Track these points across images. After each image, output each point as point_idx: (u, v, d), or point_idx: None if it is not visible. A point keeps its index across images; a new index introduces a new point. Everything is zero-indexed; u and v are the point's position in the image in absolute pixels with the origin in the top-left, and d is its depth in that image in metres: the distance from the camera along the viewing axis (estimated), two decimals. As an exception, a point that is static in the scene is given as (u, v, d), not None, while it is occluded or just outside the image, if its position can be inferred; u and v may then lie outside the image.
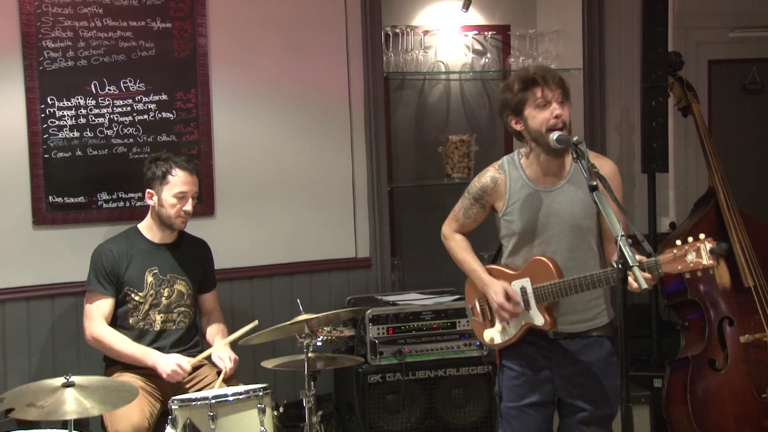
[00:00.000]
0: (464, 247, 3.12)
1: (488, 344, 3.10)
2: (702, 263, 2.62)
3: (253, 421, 3.11)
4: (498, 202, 3.01)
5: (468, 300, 3.16)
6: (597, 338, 2.98)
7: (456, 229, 3.14)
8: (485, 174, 3.04)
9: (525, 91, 2.88)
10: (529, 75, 2.90)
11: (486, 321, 3.08)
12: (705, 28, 4.90)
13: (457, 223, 3.13)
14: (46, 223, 3.85)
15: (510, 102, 2.92)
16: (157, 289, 3.59)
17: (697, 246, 2.63)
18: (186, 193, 3.59)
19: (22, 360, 3.83)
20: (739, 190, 4.24)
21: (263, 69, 4.21)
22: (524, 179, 2.97)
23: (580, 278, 2.83)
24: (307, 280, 4.33)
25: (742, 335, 3.92)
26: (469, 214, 3.08)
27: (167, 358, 3.48)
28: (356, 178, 4.40)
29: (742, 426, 3.89)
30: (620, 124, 4.83)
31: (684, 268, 2.65)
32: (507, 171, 3.00)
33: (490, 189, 3.01)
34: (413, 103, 4.77)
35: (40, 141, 3.82)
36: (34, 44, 3.78)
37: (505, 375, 3.04)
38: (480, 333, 3.11)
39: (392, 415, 3.90)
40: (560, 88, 2.89)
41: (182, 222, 3.62)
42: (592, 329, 2.97)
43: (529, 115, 2.89)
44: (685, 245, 2.65)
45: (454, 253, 3.14)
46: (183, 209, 3.58)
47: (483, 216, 3.08)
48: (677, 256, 2.65)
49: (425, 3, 4.71)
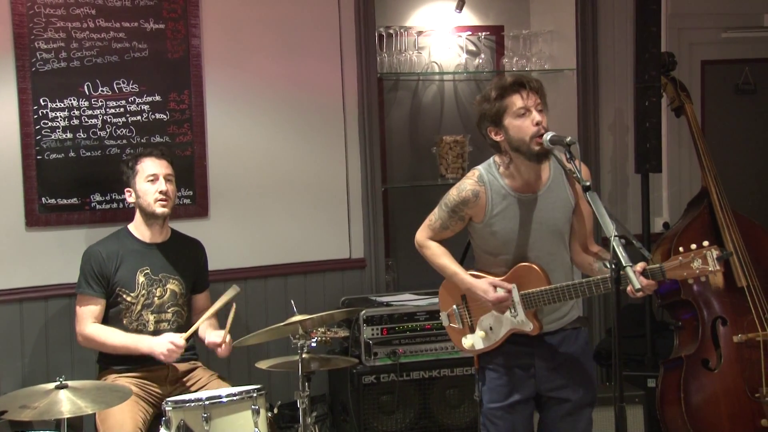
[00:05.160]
0: (441, 252, 3.08)
1: (467, 350, 3.07)
2: (708, 269, 2.66)
3: (247, 422, 3.10)
4: (478, 214, 2.97)
5: (443, 306, 3.13)
6: (573, 330, 3.02)
7: (431, 237, 3.10)
8: (464, 187, 2.97)
9: (503, 100, 2.85)
10: (506, 83, 2.86)
11: (465, 327, 3.06)
12: (698, 29, 4.92)
13: (433, 232, 3.09)
14: (39, 225, 3.84)
15: (488, 113, 2.88)
16: (149, 289, 3.58)
17: (703, 253, 2.67)
18: (156, 174, 3.56)
19: (15, 362, 3.81)
20: (732, 190, 4.25)
21: (257, 70, 4.20)
22: (506, 189, 2.94)
23: (575, 285, 2.83)
24: (301, 281, 4.33)
25: (735, 335, 3.93)
26: (446, 225, 3.04)
27: (160, 339, 3.47)
28: (350, 179, 4.40)
29: (735, 425, 3.90)
30: (614, 125, 4.84)
31: (690, 274, 2.69)
32: (487, 182, 2.95)
33: (471, 202, 2.96)
34: (407, 104, 4.78)
35: (33, 142, 3.80)
36: (27, 45, 3.77)
37: (487, 377, 3.03)
38: (457, 339, 3.08)
39: (387, 415, 3.90)
40: (538, 95, 2.85)
41: (162, 205, 3.56)
42: (566, 324, 3.01)
43: (510, 125, 2.85)
44: (690, 252, 2.68)
45: (431, 260, 3.10)
46: (158, 191, 3.55)
47: (461, 227, 3.04)
48: (683, 262, 2.69)
49: (419, 4, 4.71)
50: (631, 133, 4.61)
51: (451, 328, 3.11)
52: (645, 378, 4.13)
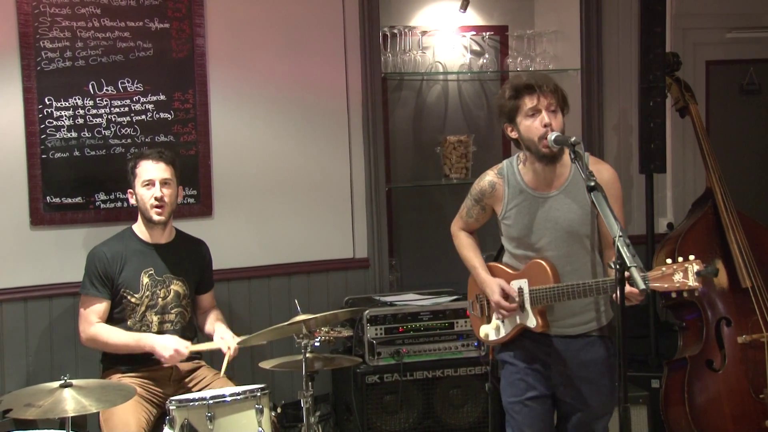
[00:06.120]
0: (467, 244, 3.19)
1: (483, 339, 3.18)
2: (688, 284, 2.65)
3: (250, 422, 3.11)
4: (497, 206, 3.05)
5: (469, 294, 3.23)
6: (595, 338, 2.99)
7: (462, 227, 3.22)
8: (485, 178, 3.08)
9: (516, 99, 2.88)
10: (520, 83, 2.89)
11: (483, 317, 3.15)
12: (702, 29, 4.91)
13: (462, 221, 3.21)
14: (43, 224, 3.85)
15: (503, 109, 2.94)
16: (153, 290, 3.58)
17: (684, 267, 2.65)
18: (152, 180, 3.55)
19: (20, 360, 3.82)
20: (736, 190, 4.24)
21: (261, 69, 4.21)
22: (522, 185, 2.98)
23: (574, 285, 2.85)
24: (305, 281, 4.33)
25: (739, 336, 3.93)
26: (471, 213, 3.16)
27: (164, 341, 3.47)
28: (354, 179, 4.40)
29: (739, 426, 3.89)
30: (618, 125, 4.84)
31: (670, 287, 2.68)
32: (506, 176, 3.02)
33: (488, 193, 3.06)
34: (411, 104, 4.78)
35: (38, 141, 3.81)
36: (32, 44, 3.78)
37: (506, 371, 3.08)
38: (477, 327, 3.20)
39: (390, 415, 3.90)
40: (554, 96, 2.87)
41: (158, 212, 3.54)
42: (588, 332, 2.98)
43: (520, 124, 2.90)
44: (674, 264, 2.67)
45: (458, 249, 3.22)
46: (153, 197, 3.54)
47: (484, 217, 3.15)
48: (665, 274, 2.68)
49: (423, 3, 4.71)
50: (636, 134, 4.61)
51: (473, 316, 3.23)
52: (649, 379, 4.13)
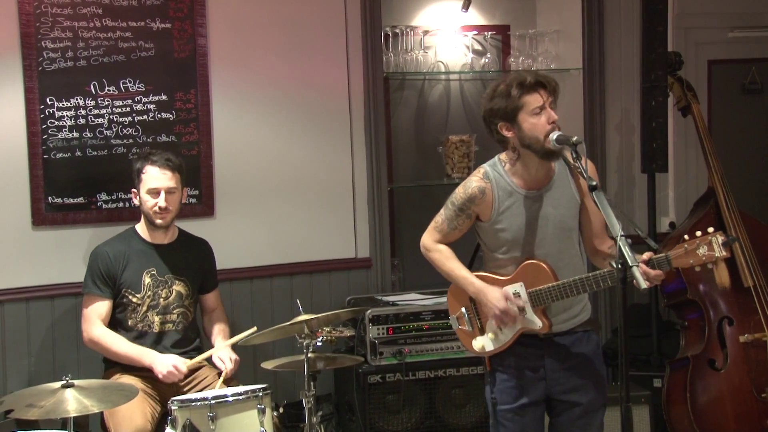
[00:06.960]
0: (449, 256, 3.04)
1: (478, 353, 3.04)
2: (715, 255, 2.68)
3: (252, 422, 3.11)
4: (485, 212, 2.95)
5: (452, 310, 3.10)
6: (584, 333, 3.00)
7: (438, 240, 3.06)
8: (470, 185, 2.96)
9: (523, 97, 2.84)
10: (527, 81, 2.86)
11: (474, 329, 3.03)
12: (704, 28, 4.90)
13: (440, 234, 3.05)
14: (45, 224, 3.85)
15: (503, 108, 2.86)
16: (155, 291, 3.59)
17: (708, 239, 2.68)
18: (158, 189, 3.54)
19: (22, 361, 3.82)
20: (738, 189, 4.24)
21: (263, 69, 4.21)
22: (512, 186, 2.93)
23: (581, 279, 2.83)
24: (307, 281, 4.33)
25: (741, 335, 3.92)
26: (453, 224, 3.00)
27: (164, 359, 3.47)
28: (356, 179, 4.40)
29: (741, 426, 3.89)
30: (620, 124, 4.83)
31: (696, 261, 2.71)
32: (493, 179, 2.94)
33: (478, 199, 2.94)
34: (413, 104, 4.78)
35: (40, 141, 3.81)
36: (34, 44, 3.78)
37: (497, 378, 3.01)
38: (468, 342, 3.05)
39: (392, 415, 3.90)
40: (553, 93, 2.87)
41: (161, 219, 3.55)
42: (577, 326, 2.99)
43: (524, 121, 2.84)
44: (695, 239, 2.69)
45: (439, 264, 3.05)
46: (158, 206, 3.54)
47: (468, 225, 3.01)
48: (689, 250, 2.70)
49: (425, 3, 4.71)
50: (638, 133, 4.61)
51: (461, 331, 3.08)
52: (651, 378, 4.13)
